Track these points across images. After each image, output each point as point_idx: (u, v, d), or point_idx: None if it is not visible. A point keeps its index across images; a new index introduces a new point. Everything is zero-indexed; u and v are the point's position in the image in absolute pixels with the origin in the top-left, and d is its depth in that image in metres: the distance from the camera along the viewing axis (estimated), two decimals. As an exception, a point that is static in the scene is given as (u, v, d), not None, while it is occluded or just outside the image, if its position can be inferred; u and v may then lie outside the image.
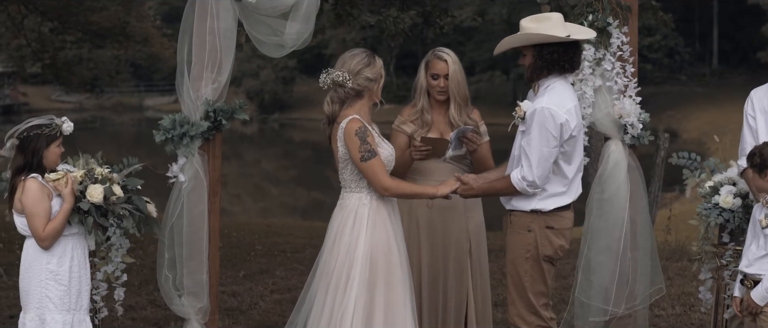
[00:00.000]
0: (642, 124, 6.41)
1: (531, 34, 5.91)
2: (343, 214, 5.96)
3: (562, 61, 5.90)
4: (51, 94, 62.19)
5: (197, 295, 6.31)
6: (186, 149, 6.20)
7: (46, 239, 5.67)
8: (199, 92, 6.22)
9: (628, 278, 6.43)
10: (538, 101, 5.87)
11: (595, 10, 6.33)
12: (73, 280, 5.77)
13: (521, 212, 5.96)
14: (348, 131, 5.85)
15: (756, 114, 6.18)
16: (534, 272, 5.97)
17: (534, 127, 5.81)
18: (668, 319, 8.58)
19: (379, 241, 5.89)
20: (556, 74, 5.93)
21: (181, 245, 6.23)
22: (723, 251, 6.31)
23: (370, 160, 5.83)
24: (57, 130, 5.75)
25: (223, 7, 6.16)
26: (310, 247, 12.95)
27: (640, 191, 6.51)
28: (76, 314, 5.79)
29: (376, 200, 5.94)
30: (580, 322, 6.49)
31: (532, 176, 5.82)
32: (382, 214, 5.94)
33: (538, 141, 5.79)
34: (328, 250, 5.96)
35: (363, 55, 5.95)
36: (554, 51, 5.88)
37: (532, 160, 5.80)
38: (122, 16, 19.57)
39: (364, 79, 5.90)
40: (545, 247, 5.96)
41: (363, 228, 5.88)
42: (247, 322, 8.71)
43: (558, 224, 5.98)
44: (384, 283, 5.87)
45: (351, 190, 5.98)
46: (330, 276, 5.89)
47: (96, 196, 5.79)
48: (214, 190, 6.35)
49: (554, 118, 5.78)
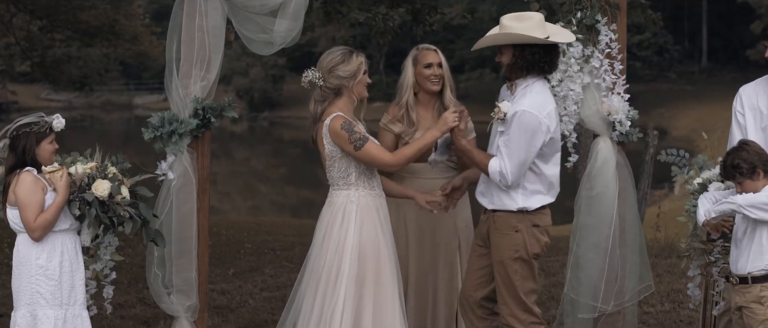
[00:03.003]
0: (630, 121, 6.42)
1: (512, 34, 5.91)
2: (331, 211, 5.97)
3: (542, 62, 5.93)
4: (40, 92, 62.02)
5: (186, 293, 6.31)
6: (175, 147, 6.20)
7: (36, 229, 5.65)
8: (188, 90, 6.22)
9: (617, 274, 6.44)
10: (518, 103, 5.87)
11: (583, 7, 6.35)
12: (64, 275, 5.75)
13: (506, 212, 5.97)
14: (333, 128, 5.88)
15: (745, 111, 6.20)
16: (524, 271, 5.98)
17: (514, 130, 5.82)
18: (657, 316, 8.60)
19: (368, 237, 5.90)
20: (535, 75, 5.94)
21: (170, 243, 6.23)
22: (711, 247, 6.32)
23: (364, 145, 5.86)
24: (46, 127, 5.74)
25: (211, 5, 6.17)
26: (299, 245, 12.94)
27: (629, 188, 6.52)
28: (69, 308, 5.77)
29: (363, 197, 5.95)
30: (569, 319, 6.50)
31: (509, 178, 5.85)
32: (371, 210, 5.95)
33: (518, 145, 5.82)
34: (318, 248, 5.97)
35: (337, 53, 5.98)
36: (536, 52, 5.91)
37: (512, 162, 5.83)
38: (111, 15, 19.55)
39: (337, 77, 5.93)
40: (533, 245, 5.98)
41: (351, 225, 5.90)
42: (236, 320, 8.71)
43: (542, 222, 6.01)
44: (373, 279, 5.88)
45: (339, 187, 5.99)
46: (319, 274, 5.90)
47: (101, 190, 5.77)
48: (203, 188, 6.35)
49: (537, 124, 5.81)
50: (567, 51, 6.30)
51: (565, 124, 6.35)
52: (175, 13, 6.25)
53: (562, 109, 6.33)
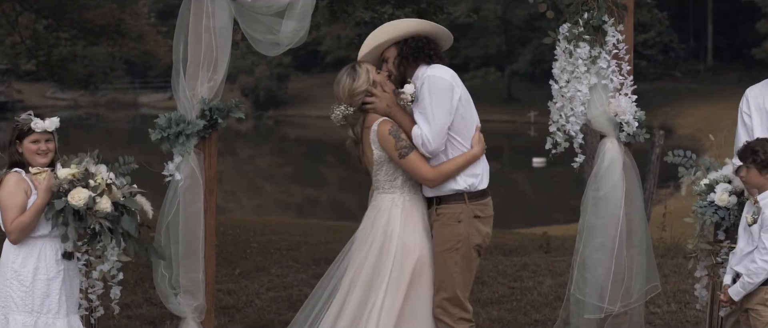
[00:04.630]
0: (638, 122, 6.41)
1: (383, 28, 6.15)
2: (376, 214, 6.09)
3: (426, 49, 6.06)
4: (46, 91, 62.16)
5: (193, 294, 6.31)
6: (182, 148, 6.20)
7: (12, 232, 5.63)
8: (195, 91, 6.23)
9: (624, 275, 6.43)
10: (420, 75, 6.00)
11: (590, 8, 6.34)
12: (38, 282, 5.69)
13: (450, 204, 6.03)
14: (381, 133, 6.01)
15: (752, 112, 6.20)
16: (464, 263, 6.04)
17: (425, 95, 5.92)
18: (664, 316, 8.59)
19: (412, 242, 6.01)
20: (424, 65, 6.05)
21: (177, 244, 6.23)
22: (718, 248, 6.32)
23: (409, 155, 5.97)
24: (25, 126, 5.75)
25: (218, 6, 6.17)
26: (305, 245, 12.96)
27: (636, 188, 6.51)
28: (40, 316, 5.70)
29: (409, 201, 6.08)
30: (575, 319, 6.50)
31: (432, 144, 5.93)
32: (415, 215, 6.07)
33: (432, 107, 5.91)
34: (359, 248, 6.07)
35: (344, 77, 6.12)
36: (419, 40, 6.07)
37: (432, 128, 5.92)
38: (117, 14, 19.58)
39: (359, 94, 6.06)
40: (474, 236, 6.04)
41: (396, 228, 6.01)
42: (242, 320, 8.71)
43: (483, 213, 6.09)
44: (413, 284, 5.98)
45: (384, 191, 6.11)
46: (359, 274, 6.00)
47: (76, 200, 5.62)
48: (210, 188, 6.35)
49: (445, 83, 5.93)
50: (574, 52, 6.30)
51: (572, 125, 6.34)
52: (181, 13, 6.25)
53: (569, 110, 6.33)
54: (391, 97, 6.07)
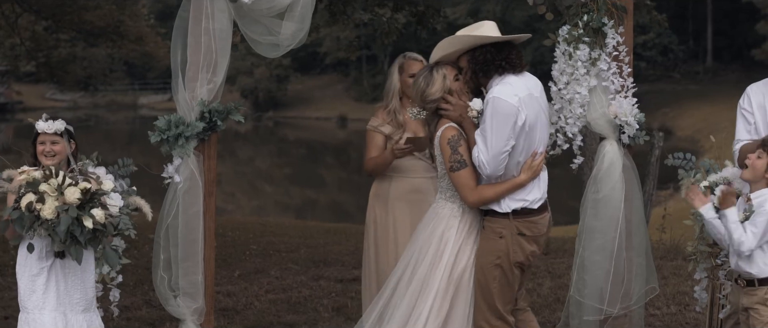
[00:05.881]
0: (638, 124, 6.41)
1: (454, 38, 6.05)
2: (435, 221, 6.10)
3: (497, 60, 5.97)
4: (45, 92, 62.13)
5: (193, 296, 6.31)
6: (181, 150, 6.19)
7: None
8: (194, 93, 6.22)
9: (623, 277, 6.44)
10: (489, 93, 5.94)
11: (590, 10, 6.34)
12: (23, 278, 5.70)
13: (494, 218, 6.00)
14: (442, 140, 6.01)
15: (754, 110, 6.20)
16: (503, 278, 6.01)
17: (487, 115, 5.87)
18: (663, 318, 8.59)
19: (464, 254, 6.02)
20: (496, 75, 5.98)
21: (176, 246, 6.23)
22: (718, 250, 6.31)
23: (459, 170, 5.96)
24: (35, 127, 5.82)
25: (218, 7, 6.16)
26: (304, 247, 12.95)
27: (635, 190, 6.52)
28: (29, 312, 5.69)
29: (468, 213, 6.06)
30: (575, 321, 6.50)
31: (487, 168, 5.88)
32: (471, 227, 6.07)
33: (491, 131, 5.85)
34: (411, 253, 6.10)
35: (420, 80, 6.10)
36: (487, 52, 5.97)
37: (489, 152, 5.86)
38: (116, 15, 19.60)
39: (430, 101, 6.05)
40: (517, 253, 6.00)
41: (451, 239, 6.02)
42: (242, 322, 8.71)
43: (530, 231, 6.02)
44: (460, 295, 6.01)
45: (446, 199, 6.12)
46: (411, 278, 6.03)
47: (23, 202, 5.42)
48: (209, 190, 6.35)
49: (509, 107, 5.83)
50: (574, 54, 6.30)
51: (571, 127, 6.34)
52: (180, 16, 6.24)
53: (569, 112, 6.33)
54: (465, 107, 6.01)
